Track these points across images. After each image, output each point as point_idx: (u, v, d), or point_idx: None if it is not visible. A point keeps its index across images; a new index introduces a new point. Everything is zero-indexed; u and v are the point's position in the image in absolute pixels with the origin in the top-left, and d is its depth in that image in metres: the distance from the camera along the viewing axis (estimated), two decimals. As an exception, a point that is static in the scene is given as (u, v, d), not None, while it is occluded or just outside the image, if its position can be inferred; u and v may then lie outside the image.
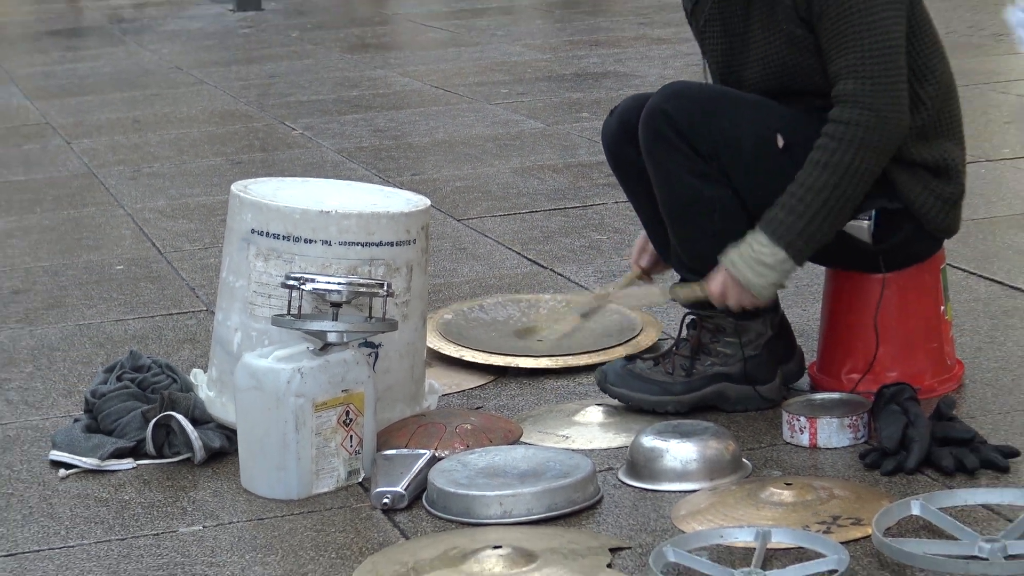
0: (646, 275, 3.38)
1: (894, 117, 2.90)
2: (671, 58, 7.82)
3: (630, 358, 3.18)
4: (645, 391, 3.10)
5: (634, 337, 3.56)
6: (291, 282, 2.91)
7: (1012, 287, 3.88)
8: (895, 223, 3.03)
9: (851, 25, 2.91)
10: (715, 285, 2.98)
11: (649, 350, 3.47)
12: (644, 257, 3.35)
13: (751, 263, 2.94)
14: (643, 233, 3.33)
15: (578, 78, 7.60)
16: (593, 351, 3.49)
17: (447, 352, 3.53)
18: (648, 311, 3.72)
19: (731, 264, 2.95)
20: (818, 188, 2.90)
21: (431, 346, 3.45)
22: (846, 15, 2.91)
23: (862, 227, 3.01)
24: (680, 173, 3.00)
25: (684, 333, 3.16)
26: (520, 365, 3.47)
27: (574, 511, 2.72)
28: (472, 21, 10.55)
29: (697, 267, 3.10)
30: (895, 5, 2.92)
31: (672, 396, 3.09)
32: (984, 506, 2.63)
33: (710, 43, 3.16)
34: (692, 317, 3.16)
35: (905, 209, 3.03)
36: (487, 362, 3.49)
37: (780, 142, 2.99)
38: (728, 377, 3.12)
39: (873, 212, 3.01)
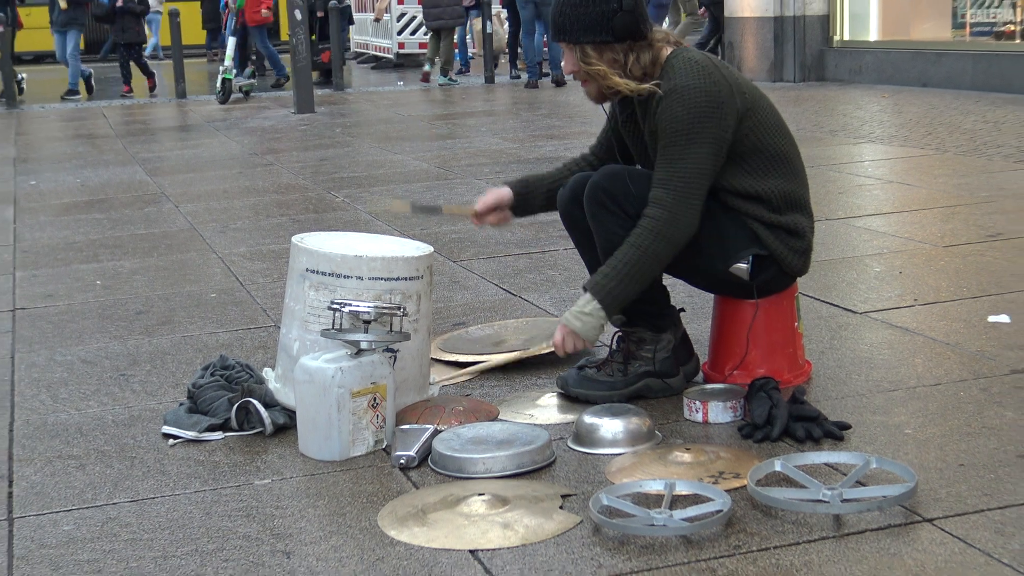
0: (478, 219, 3.40)
1: (685, 222, 2.92)
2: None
3: (581, 367, 3.17)
4: (596, 389, 3.10)
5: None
6: (334, 306, 2.91)
7: (844, 308, 3.89)
8: (764, 265, 3.04)
9: (671, 151, 2.92)
10: (556, 337, 3.03)
11: (585, 354, 3.46)
12: (491, 215, 3.38)
13: (577, 314, 2.97)
14: (502, 191, 3.35)
15: (539, 160, 7.61)
16: (548, 348, 3.48)
17: (443, 359, 3.52)
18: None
19: (565, 320, 3.00)
20: (626, 262, 2.93)
21: (435, 357, 3.44)
22: (670, 141, 2.92)
23: (742, 268, 3.03)
24: (614, 228, 3.00)
25: (616, 346, 3.17)
26: (495, 362, 3.46)
27: (536, 468, 2.72)
28: (463, 120, 10.57)
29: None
30: (701, 139, 2.90)
31: (615, 391, 3.09)
32: (826, 464, 2.63)
33: (630, 140, 3.18)
34: (619, 334, 3.17)
35: (770, 256, 3.04)
36: (469, 360, 3.49)
37: None
38: (651, 374, 3.13)
39: (750, 258, 3.02)
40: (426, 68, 14.65)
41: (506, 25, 16.48)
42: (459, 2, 14.42)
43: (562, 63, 3.15)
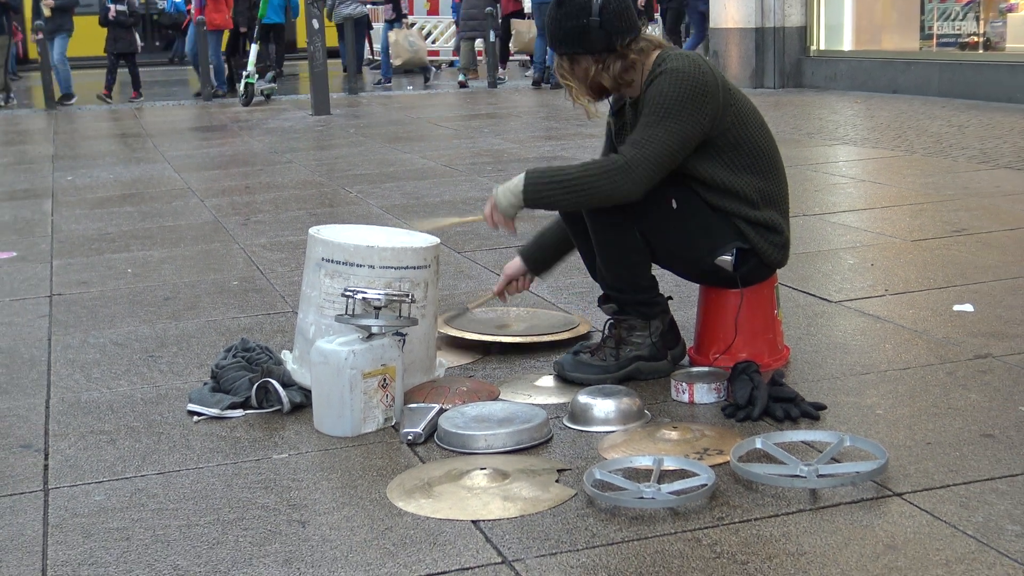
0: (501, 297, 3.45)
1: (634, 180, 2.86)
2: (598, 147, 7.79)
3: (576, 352, 3.15)
4: (591, 372, 3.08)
5: (574, 327, 3.54)
6: (348, 293, 2.89)
7: (820, 298, 3.88)
8: (746, 258, 3.02)
9: (649, 119, 2.89)
10: (487, 207, 3.02)
11: (583, 337, 3.46)
12: (511, 287, 3.43)
13: (505, 190, 2.96)
14: (513, 267, 3.40)
15: (537, 160, 7.59)
16: (547, 335, 3.47)
17: (449, 332, 3.49)
18: (579, 312, 3.71)
19: (494, 191, 2.99)
20: (567, 173, 2.91)
21: (440, 331, 3.42)
22: (651, 113, 2.89)
23: (727, 260, 3.01)
24: (606, 223, 2.98)
25: (608, 332, 3.15)
26: (501, 341, 3.45)
27: (534, 445, 2.70)
28: (468, 122, 10.53)
29: (616, 285, 3.09)
30: (681, 119, 2.87)
31: (608, 374, 3.07)
32: (803, 442, 2.62)
33: (616, 134, 3.16)
34: (611, 321, 3.15)
35: (752, 249, 3.02)
36: (477, 338, 3.47)
37: (673, 204, 2.98)
38: (641, 358, 3.11)
39: (734, 250, 3.00)
40: (461, 78, 14.63)
41: (441, 33, 15.94)
42: (485, 15, 14.40)
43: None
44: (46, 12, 13.73)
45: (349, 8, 14.80)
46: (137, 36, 15.16)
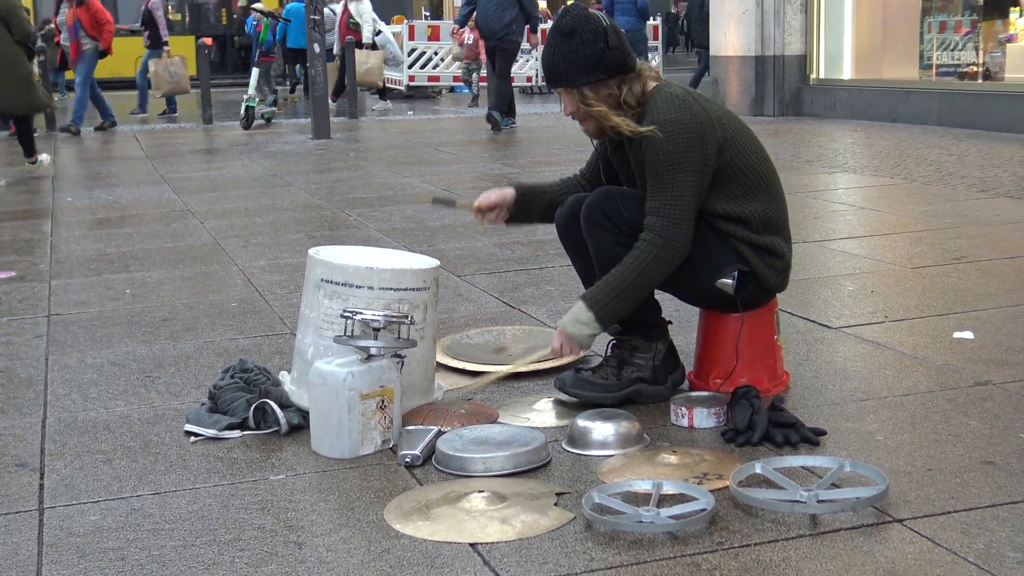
0: (480, 213, 3.33)
1: (679, 244, 2.91)
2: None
3: (578, 369, 3.15)
4: (591, 390, 3.08)
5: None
6: (347, 314, 2.88)
7: (820, 324, 3.88)
8: (747, 281, 3.02)
9: (660, 180, 2.91)
10: (555, 342, 3.01)
11: (581, 361, 3.45)
12: (491, 213, 3.32)
13: (573, 322, 2.95)
14: (506, 191, 3.31)
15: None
16: (547, 360, 3.46)
17: (451, 365, 3.50)
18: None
19: (562, 326, 2.98)
20: (622, 279, 2.91)
21: (439, 360, 3.42)
22: (657, 172, 2.91)
23: (728, 283, 3.01)
24: (609, 244, 2.99)
25: (610, 352, 3.14)
26: (502, 374, 3.43)
27: (532, 468, 2.69)
28: (468, 147, 10.56)
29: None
30: (687, 168, 2.89)
31: (609, 394, 3.07)
32: (803, 467, 2.61)
33: (618, 164, 3.17)
34: (614, 341, 3.15)
35: (752, 272, 3.02)
36: (476, 369, 3.45)
37: None
38: (642, 380, 3.11)
39: (735, 273, 3.00)
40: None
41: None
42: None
43: (561, 106, 3.12)
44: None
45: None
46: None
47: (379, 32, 15.74)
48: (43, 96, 9.39)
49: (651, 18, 16.71)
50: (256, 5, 15.90)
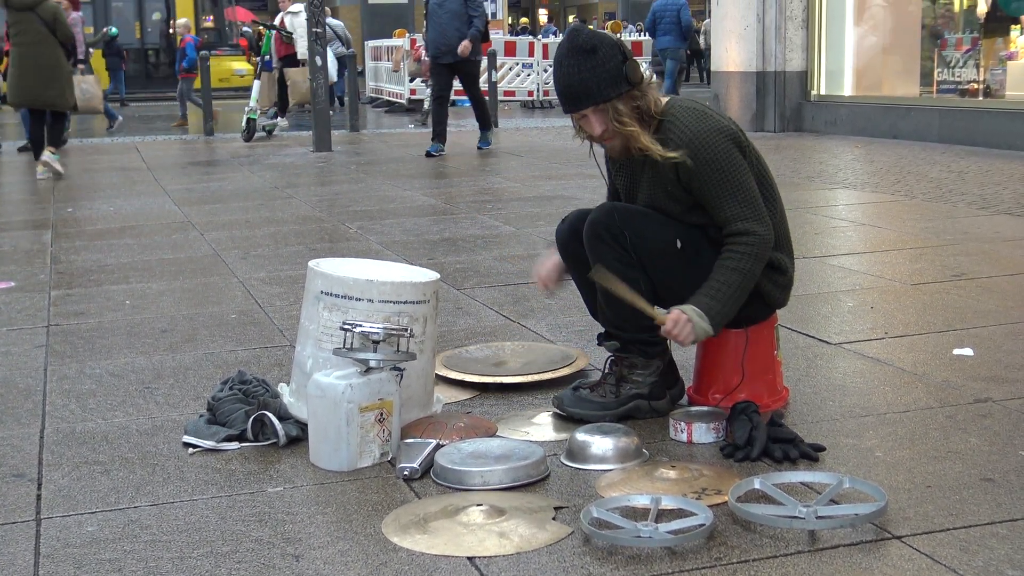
0: (545, 287, 3.31)
1: (771, 238, 2.96)
2: (598, 187, 7.79)
3: (575, 388, 3.15)
4: (590, 408, 3.08)
5: (572, 363, 3.54)
6: (346, 327, 2.88)
7: (820, 340, 3.88)
8: (750, 298, 3.02)
9: (723, 187, 2.92)
10: (672, 314, 2.91)
11: (579, 374, 3.46)
12: (551, 278, 3.28)
13: (697, 316, 2.90)
14: (555, 258, 3.25)
15: (537, 199, 7.61)
16: (546, 371, 3.47)
17: (449, 376, 3.50)
18: (579, 347, 3.70)
19: (690, 311, 2.90)
20: (729, 284, 2.92)
21: (438, 373, 3.42)
22: (718, 182, 2.92)
23: None
24: (611, 261, 2.98)
25: (609, 369, 3.14)
26: (501, 381, 3.44)
27: (531, 482, 2.68)
28: (469, 161, 10.58)
29: (618, 324, 3.09)
30: (742, 167, 2.94)
31: (607, 411, 3.07)
32: (802, 483, 2.60)
33: (620, 181, 3.16)
34: (612, 358, 3.15)
35: (756, 289, 3.02)
36: (475, 381, 3.46)
37: (678, 244, 2.99)
38: (641, 396, 3.10)
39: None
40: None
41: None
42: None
43: (575, 128, 3.04)
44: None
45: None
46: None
47: None
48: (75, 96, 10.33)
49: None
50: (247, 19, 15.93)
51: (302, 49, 14.12)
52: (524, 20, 27.92)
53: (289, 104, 13.95)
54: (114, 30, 20.48)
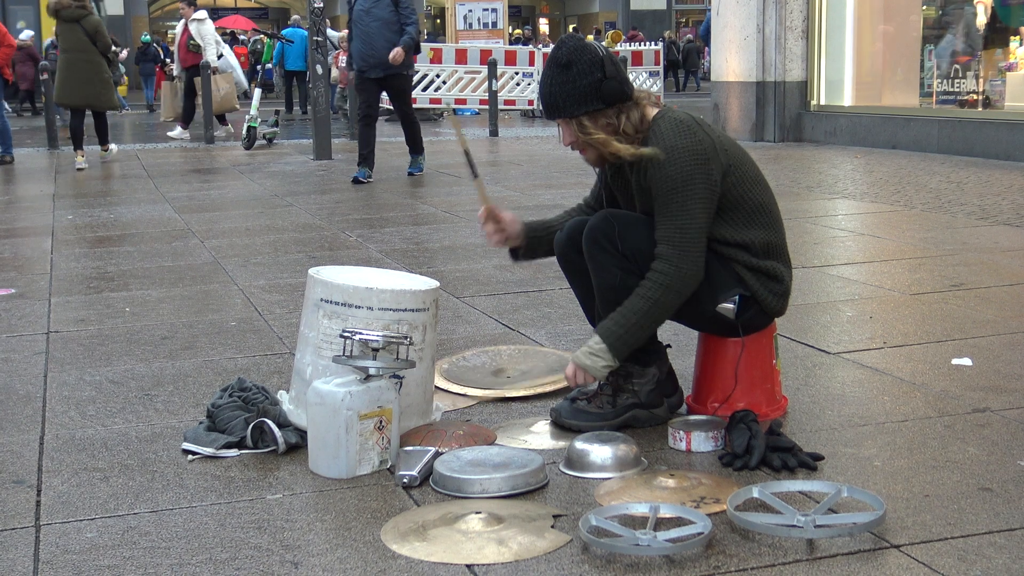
0: (487, 215, 3.38)
1: (691, 273, 2.93)
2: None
3: (573, 399, 3.15)
4: (587, 420, 3.08)
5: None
6: (346, 334, 2.89)
7: (819, 349, 3.88)
8: (747, 306, 3.03)
9: (668, 207, 2.93)
10: (568, 370, 3.04)
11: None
12: (492, 225, 3.35)
13: (587, 354, 2.97)
14: (517, 226, 3.32)
15: (537, 208, 7.62)
16: (546, 384, 3.47)
17: (450, 390, 3.49)
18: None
19: (576, 357, 3.00)
20: (635, 311, 2.94)
21: (438, 386, 3.42)
22: (666, 200, 2.93)
23: (728, 307, 3.02)
24: (610, 267, 2.99)
25: (605, 379, 3.15)
26: (503, 395, 3.43)
27: (530, 490, 2.69)
28: (467, 170, 10.54)
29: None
30: (695, 196, 2.91)
31: (605, 421, 3.07)
32: (800, 492, 2.61)
33: (616, 187, 3.18)
34: None
35: (753, 297, 3.03)
36: (476, 394, 3.45)
37: None
38: (638, 405, 3.11)
39: (736, 297, 3.01)
40: None
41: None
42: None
43: (559, 136, 3.11)
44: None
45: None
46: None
47: (221, 55, 14.83)
48: (117, 98, 12.03)
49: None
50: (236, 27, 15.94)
51: (211, 57, 14.08)
52: (518, 32, 27.94)
53: (212, 113, 13.91)
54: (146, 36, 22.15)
